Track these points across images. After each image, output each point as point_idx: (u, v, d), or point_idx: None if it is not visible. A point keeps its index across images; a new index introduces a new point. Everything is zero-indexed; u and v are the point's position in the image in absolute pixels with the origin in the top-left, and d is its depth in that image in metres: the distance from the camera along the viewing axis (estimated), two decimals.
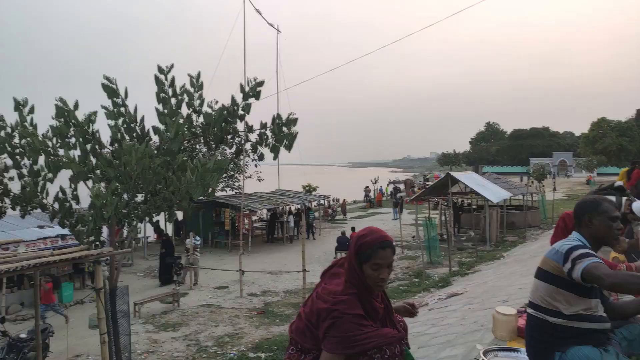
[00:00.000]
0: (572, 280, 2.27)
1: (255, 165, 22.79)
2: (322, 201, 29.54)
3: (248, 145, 7.41)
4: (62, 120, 5.77)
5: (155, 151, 6.04)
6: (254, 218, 23.80)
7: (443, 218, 20.57)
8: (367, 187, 44.15)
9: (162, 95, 6.28)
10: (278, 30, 21.65)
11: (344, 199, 35.07)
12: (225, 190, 26.14)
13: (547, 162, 66.49)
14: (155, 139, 6.36)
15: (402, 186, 50.01)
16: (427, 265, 14.98)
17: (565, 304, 2.34)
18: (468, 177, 19.94)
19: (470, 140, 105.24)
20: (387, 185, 51.50)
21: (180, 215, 15.68)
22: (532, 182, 39.55)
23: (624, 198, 4.71)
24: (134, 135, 6.27)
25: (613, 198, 4.65)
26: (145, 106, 6.38)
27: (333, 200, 33.33)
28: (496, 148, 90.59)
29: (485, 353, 2.81)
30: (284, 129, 6.59)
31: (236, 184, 26.53)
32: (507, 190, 21.56)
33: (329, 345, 1.95)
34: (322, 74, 25.96)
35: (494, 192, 19.30)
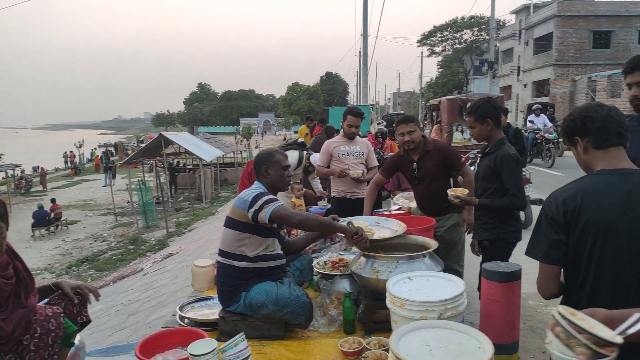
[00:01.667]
0: (256, 224, 2.55)
1: None
2: (11, 172, 24.69)
3: None
4: None
5: None
6: None
7: (159, 180, 20.18)
8: (71, 152, 39.15)
9: None
10: None
11: (42, 168, 30.21)
12: None
13: (254, 122, 72.65)
14: None
15: (113, 149, 46.37)
16: (143, 230, 14.52)
17: (250, 247, 2.61)
18: (181, 138, 19.94)
19: (184, 100, 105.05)
20: (95, 149, 46.89)
21: None
22: (241, 141, 42.68)
23: (305, 152, 5.54)
24: None
25: (295, 152, 5.43)
26: None
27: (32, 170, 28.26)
28: (209, 109, 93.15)
29: (181, 307, 2.91)
30: None
31: None
32: (219, 149, 22.61)
33: None
34: None
35: (207, 151, 19.94)
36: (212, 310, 2.92)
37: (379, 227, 2.96)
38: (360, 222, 2.87)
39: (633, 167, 1.68)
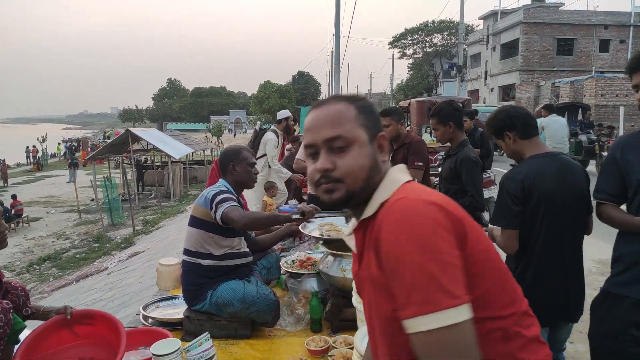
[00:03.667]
0: (218, 223, 2.52)
1: None
2: None
3: None
4: None
5: None
6: None
7: (125, 177, 19.71)
8: (33, 146, 37.80)
9: None
10: None
11: (4, 161, 29.04)
12: None
13: (225, 119, 71.88)
14: None
15: (76, 144, 45.04)
16: (108, 228, 14.15)
17: (215, 246, 2.58)
18: (149, 134, 19.53)
19: (153, 96, 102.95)
20: (59, 144, 45.45)
21: None
22: (212, 139, 42.14)
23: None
24: None
25: (271, 133, 5.45)
26: None
27: None
28: (179, 105, 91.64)
29: (145, 307, 2.85)
30: None
31: None
32: (189, 146, 22.27)
33: None
34: None
35: (176, 148, 19.61)
36: (177, 310, 2.87)
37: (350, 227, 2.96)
38: (329, 222, 2.89)
39: (550, 150, 2.25)
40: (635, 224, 1.84)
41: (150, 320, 2.77)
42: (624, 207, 1.96)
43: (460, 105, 3.33)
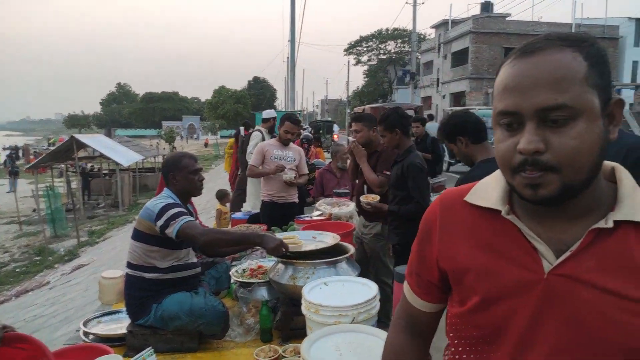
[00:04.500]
0: (165, 236, 2.41)
1: None
2: None
3: None
4: None
5: None
6: None
7: (69, 186, 18.84)
8: None
9: None
10: None
11: None
12: None
13: (178, 125, 70.25)
14: None
15: (20, 153, 42.69)
16: (51, 240, 13.44)
17: (160, 259, 2.47)
18: (96, 140, 18.73)
19: (101, 101, 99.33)
20: None
21: None
22: (164, 146, 41.03)
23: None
24: None
25: (257, 132, 5.37)
26: None
27: None
28: (129, 110, 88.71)
29: (86, 322, 2.70)
30: None
31: None
32: (138, 153, 21.56)
33: None
34: None
35: (124, 156, 18.91)
36: (120, 325, 2.73)
37: (314, 241, 2.90)
38: (290, 235, 2.84)
39: None
40: None
41: (91, 336, 2.62)
42: None
43: (410, 111, 3.40)
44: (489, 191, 0.89)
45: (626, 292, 0.73)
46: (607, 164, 0.82)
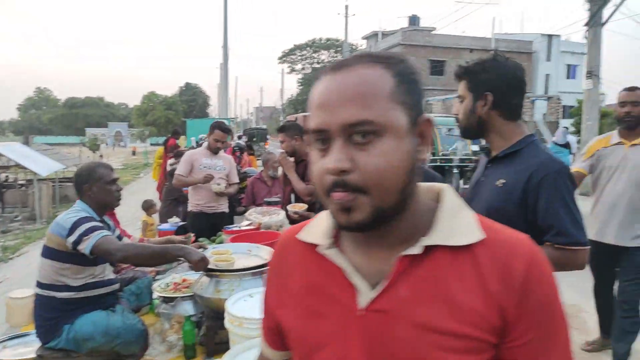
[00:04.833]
0: (77, 252, 2.27)
1: None
2: None
3: None
4: None
5: None
6: None
7: None
8: None
9: None
10: None
11: None
12: None
13: (103, 132, 66.79)
14: None
15: None
16: None
17: (72, 276, 2.32)
18: (10, 149, 17.32)
19: (18, 106, 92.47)
20: None
21: None
22: (88, 154, 38.82)
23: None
24: None
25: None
26: None
27: None
28: (49, 116, 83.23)
29: None
30: None
31: None
32: (59, 162, 20.21)
33: None
34: None
35: (43, 165, 17.63)
36: (29, 349, 2.53)
37: (249, 254, 2.82)
38: (222, 250, 2.76)
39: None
40: None
41: None
42: None
43: None
44: (320, 224, 0.82)
45: (440, 324, 0.68)
46: (437, 186, 0.79)
